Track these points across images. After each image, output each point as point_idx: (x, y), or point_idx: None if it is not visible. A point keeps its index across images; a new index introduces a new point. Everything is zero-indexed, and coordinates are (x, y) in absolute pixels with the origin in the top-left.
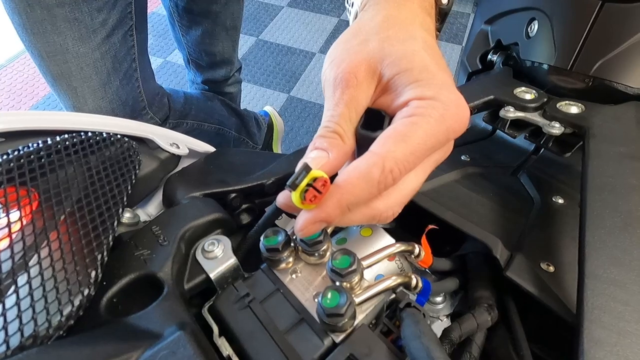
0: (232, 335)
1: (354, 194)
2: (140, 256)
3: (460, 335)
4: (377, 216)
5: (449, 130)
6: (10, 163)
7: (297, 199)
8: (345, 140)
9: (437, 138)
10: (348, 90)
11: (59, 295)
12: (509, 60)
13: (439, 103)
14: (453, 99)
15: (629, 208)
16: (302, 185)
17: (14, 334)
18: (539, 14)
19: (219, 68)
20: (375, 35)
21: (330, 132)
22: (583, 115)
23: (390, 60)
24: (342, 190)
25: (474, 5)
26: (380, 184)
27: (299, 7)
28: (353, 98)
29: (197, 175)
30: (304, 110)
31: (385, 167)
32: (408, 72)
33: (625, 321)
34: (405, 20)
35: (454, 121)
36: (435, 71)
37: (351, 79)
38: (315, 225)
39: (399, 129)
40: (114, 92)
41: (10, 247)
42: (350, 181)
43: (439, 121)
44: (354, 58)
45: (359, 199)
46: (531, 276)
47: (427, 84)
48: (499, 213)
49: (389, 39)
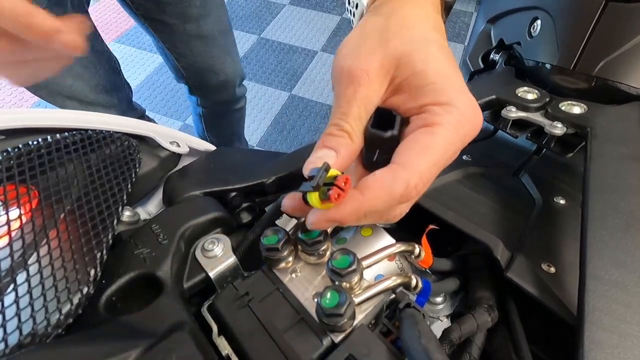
0: (231, 334)
1: (374, 205)
2: (139, 255)
3: (460, 336)
4: (385, 217)
5: (466, 135)
6: (10, 161)
7: (317, 199)
8: (354, 139)
9: (456, 146)
10: (360, 88)
11: (58, 294)
12: (511, 60)
13: (455, 109)
14: (468, 103)
15: (631, 209)
16: (323, 183)
17: (13, 332)
18: (542, 13)
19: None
20: (390, 34)
21: (339, 130)
22: (585, 116)
23: (405, 61)
24: (363, 199)
25: (476, 4)
26: (402, 197)
27: (300, 5)
28: (364, 96)
29: (197, 174)
30: (305, 108)
31: (410, 183)
32: (422, 74)
33: (626, 323)
34: (421, 21)
35: (471, 126)
36: (450, 74)
37: (363, 77)
38: (328, 223)
39: (420, 141)
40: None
41: (10, 245)
42: (373, 192)
43: (457, 128)
44: (367, 56)
45: (378, 210)
46: (532, 277)
47: (441, 87)
48: (500, 213)
49: (404, 38)
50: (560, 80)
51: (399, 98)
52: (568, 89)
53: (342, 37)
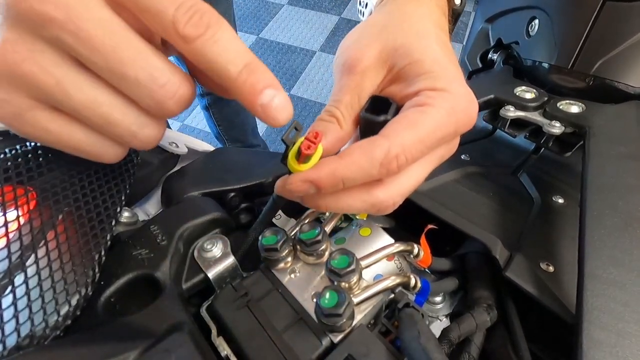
0: (230, 334)
1: (352, 169)
2: (138, 255)
3: (459, 336)
4: (377, 204)
5: (459, 123)
6: (8, 162)
7: (293, 157)
8: (343, 126)
9: (447, 129)
10: (354, 77)
11: (56, 295)
12: (510, 59)
13: (450, 95)
14: (464, 92)
15: (629, 208)
16: (298, 143)
17: (11, 333)
18: (540, 12)
19: None
20: (390, 27)
21: (328, 115)
22: (583, 115)
23: (402, 51)
24: (340, 162)
25: (475, 3)
26: (382, 167)
27: (299, 5)
28: (357, 85)
29: (195, 175)
30: (304, 108)
31: (390, 151)
32: (420, 63)
33: (625, 322)
34: (422, 17)
35: (464, 114)
36: (447, 64)
37: (358, 65)
38: (304, 184)
39: (409, 116)
40: None
41: (8, 247)
42: (351, 157)
43: (450, 113)
44: (364, 46)
45: (356, 176)
46: (531, 276)
47: (438, 75)
48: (498, 213)
49: (403, 31)
50: (559, 80)
51: (397, 87)
52: (566, 88)
53: (340, 37)
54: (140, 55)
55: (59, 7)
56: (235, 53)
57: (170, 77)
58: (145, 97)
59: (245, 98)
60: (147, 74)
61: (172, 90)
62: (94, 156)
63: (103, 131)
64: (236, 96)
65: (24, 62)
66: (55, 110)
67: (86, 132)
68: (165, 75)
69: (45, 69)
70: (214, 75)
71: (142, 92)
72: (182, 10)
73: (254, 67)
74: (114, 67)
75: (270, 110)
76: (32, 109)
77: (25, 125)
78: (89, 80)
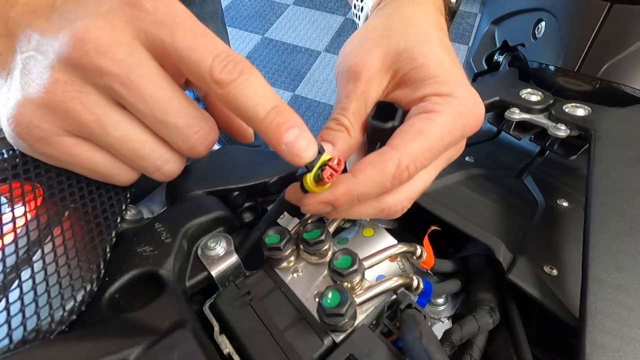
0: (233, 333)
1: (366, 185)
2: (142, 253)
3: (461, 338)
4: (386, 210)
5: (466, 126)
6: (16, 159)
7: (312, 181)
8: (351, 133)
9: (454, 135)
10: (359, 83)
11: (62, 290)
12: (515, 61)
13: (456, 100)
14: (469, 95)
15: (635, 212)
16: (317, 166)
17: (17, 327)
18: (547, 15)
19: None
20: (392, 31)
21: (337, 124)
22: (589, 118)
23: (406, 55)
24: (355, 180)
25: (481, 5)
26: (394, 179)
27: (304, 5)
28: (363, 92)
29: (200, 173)
30: (308, 108)
31: (401, 163)
32: (424, 68)
33: (628, 326)
34: (422, 19)
35: (471, 118)
36: (451, 67)
37: (363, 72)
38: (321, 205)
39: (416, 125)
40: None
41: (15, 242)
42: (364, 174)
43: (456, 118)
44: (368, 52)
45: (370, 192)
46: (534, 279)
47: (443, 80)
48: (502, 215)
49: (406, 35)
50: (564, 82)
51: (402, 92)
52: (572, 91)
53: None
54: (181, 105)
55: (116, 63)
56: (265, 97)
57: (203, 124)
58: (179, 140)
59: (271, 137)
60: (185, 122)
61: (204, 136)
62: (108, 179)
63: (128, 162)
64: (262, 136)
65: (71, 100)
66: (81, 138)
67: (108, 158)
68: (199, 123)
69: (88, 108)
70: (243, 116)
71: (178, 137)
72: (219, 59)
73: (281, 110)
74: (158, 115)
75: (294, 148)
76: (61, 135)
77: (48, 148)
78: (127, 118)
